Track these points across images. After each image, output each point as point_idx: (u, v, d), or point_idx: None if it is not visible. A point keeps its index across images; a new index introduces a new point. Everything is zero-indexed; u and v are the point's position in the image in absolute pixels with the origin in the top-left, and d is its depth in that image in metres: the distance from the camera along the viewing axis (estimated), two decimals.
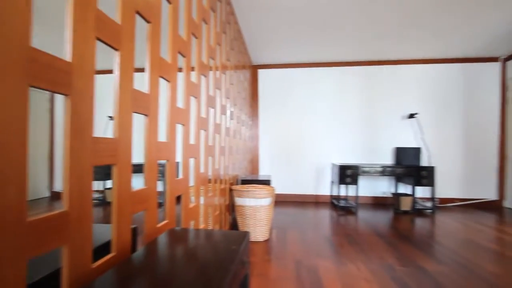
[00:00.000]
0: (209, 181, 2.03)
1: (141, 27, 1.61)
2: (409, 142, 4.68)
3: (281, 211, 4.09)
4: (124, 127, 0.90)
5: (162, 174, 4.22)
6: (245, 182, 3.29)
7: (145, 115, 1.05)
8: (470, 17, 3.18)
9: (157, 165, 1.14)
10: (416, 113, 4.52)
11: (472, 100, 4.60)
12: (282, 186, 4.93)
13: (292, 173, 4.91)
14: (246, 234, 0.97)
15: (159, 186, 4.49)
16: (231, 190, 2.94)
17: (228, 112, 2.68)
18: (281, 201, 4.85)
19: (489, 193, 4.56)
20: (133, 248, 0.98)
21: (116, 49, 0.87)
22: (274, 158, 4.95)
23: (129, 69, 0.93)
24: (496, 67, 4.57)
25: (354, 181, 4.08)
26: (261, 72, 5.00)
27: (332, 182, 4.73)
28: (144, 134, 1.07)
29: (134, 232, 1.01)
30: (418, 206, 4.12)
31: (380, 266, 2.18)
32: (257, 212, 2.67)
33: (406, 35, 3.70)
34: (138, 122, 3.00)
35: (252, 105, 4.89)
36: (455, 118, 4.62)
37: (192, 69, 3.94)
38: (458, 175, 4.61)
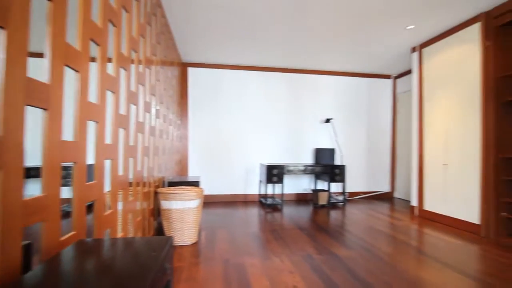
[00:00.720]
0: (130, 184, 1.85)
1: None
2: (326, 143, 5.26)
3: (210, 212, 4.04)
4: (11, 123, 0.74)
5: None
6: (172, 184, 3.13)
7: (44, 109, 0.89)
8: (372, 42, 3.80)
9: (60, 168, 0.98)
10: (331, 118, 5.13)
11: (373, 109, 5.49)
12: (212, 187, 4.88)
13: (222, 173, 4.91)
14: (168, 239, 0.92)
15: (67, 193, 3.84)
16: (156, 193, 2.75)
17: (153, 110, 2.50)
18: (211, 202, 4.80)
19: (385, 186, 5.52)
20: (26, 269, 0.82)
21: (1, 27, 0.71)
22: (203, 158, 4.86)
23: (20, 52, 0.77)
24: (389, 83, 5.58)
25: (280, 180, 4.36)
26: (191, 71, 4.85)
27: (260, 181, 4.93)
28: (42, 131, 0.90)
29: (28, 249, 0.84)
30: (332, 200, 4.68)
31: (301, 257, 2.38)
32: (184, 215, 2.57)
33: (325, 50, 4.16)
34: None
35: (181, 104, 4.70)
36: (361, 123, 5.43)
37: (110, 60, 3.52)
38: (362, 172, 5.42)
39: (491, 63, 2.96)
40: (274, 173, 4.34)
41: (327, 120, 5.10)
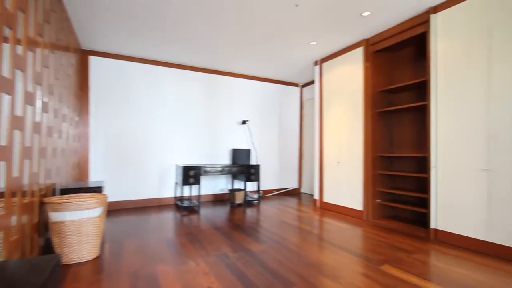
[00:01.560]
0: (1, 195, 1.47)
1: None
2: (242, 144, 5.46)
3: (118, 220, 3.61)
4: None
5: None
6: (66, 191, 2.65)
7: None
8: (283, 52, 4.17)
9: None
10: (247, 120, 5.36)
11: (284, 113, 6.03)
12: (120, 192, 4.37)
13: (132, 177, 4.46)
14: (53, 258, 0.78)
15: None
16: (43, 203, 2.27)
17: (38, 103, 2.06)
18: (119, 209, 4.29)
19: (293, 183, 6.13)
20: None
21: None
22: (109, 161, 4.30)
23: None
24: (297, 90, 6.24)
25: (197, 181, 4.27)
26: (93, 60, 4.22)
27: (176, 183, 4.72)
28: None
29: None
30: (248, 199, 4.89)
31: (217, 256, 2.39)
32: (82, 227, 2.21)
33: (242, 54, 4.32)
34: None
35: (80, 98, 4.02)
36: (273, 125, 5.88)
37: None
38: (274, 170, 5.88)
39: (369, 81, 3.69)
40: (191, 174, 4.23)
41: (244, 122, 5.30)
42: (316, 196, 4.60)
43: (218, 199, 5.17)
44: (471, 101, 2.62)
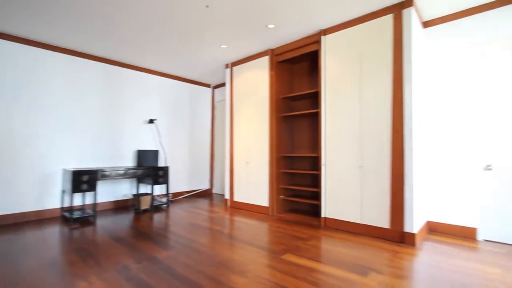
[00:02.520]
0: None
1: None
2: (149, 145, 5.06)
3: None
4: None
5: None
6: None
7: None
8: (197, 52, 4.10)
9: None
10: (155, 119, 5.01)
11: (195, 113, 5.93)
12: None
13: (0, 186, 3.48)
14: None
15: None
16: None
17: None
18: None
19: (205, 184, 6.10)
20: None
21: None
22: None
23: None
24: (209, 91, 6.24)
25: (92, 187, 3.70)
26: None
27: (64, 191, 3.96)
28: None
29: None
30: (156, 203, 4.57)
31: (116, 271, 2.14)
32: None
33: (153, 48, 4.00)
34: None
35: None
36: (184, 126, 5.70)
37: None
38: (185, 172, 5.70)
39: (274, 88, 4.05)
40: (84, 180, 3.63)
41: (151, 121, 4.93)
42: (227, 196, 4.72)
43: (120, 206, 4.62)
44: (349, 111, 3.23)
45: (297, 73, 4.40)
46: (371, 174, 3.02)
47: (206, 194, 5.99)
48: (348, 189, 3.21)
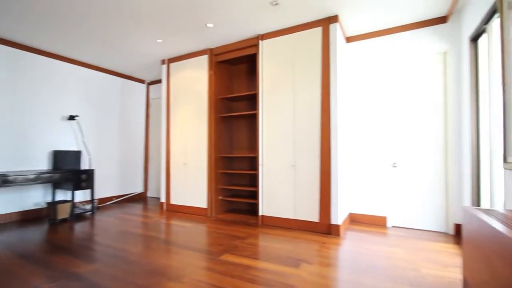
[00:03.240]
0: None
1: None
2: (70, 145, 4.44)
3: None
4: None
5: None
6: None
7: None
8: (130, 44, 3.75)
9: None
10: (76, 115, 4.41)
11: (127, 111, 5.44)
12: None
13: None
14: None
15: None
16: None
17: None
18: None
19: (138, 188, 5.65)
20: None
21: None
22: None
23: None
24: (143, 87, 5.81)
25: None
26: None
27: None
28: None
29: None
30: (78, 211, 4.03)
31: None
32: None
33: (73, 32, 3.49)
34: None
35: None
36: (114, 124, 5.17)
37: None
38: (114, 175, 5.18)
39: (213, 88, 4.02)
40: None
41: (72, 117, 4.32)
42: (163, 199, 4.47)
43: (31, 217, 3.92)
44: (284, 113, 3.42)
45: (236, 74, 4.45)
46: (303, 172, 3.26)
47: (139, 198, 5.56)
48: (283, 188, 3.40)
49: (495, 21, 2.18)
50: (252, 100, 4.29)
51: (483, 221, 1.40)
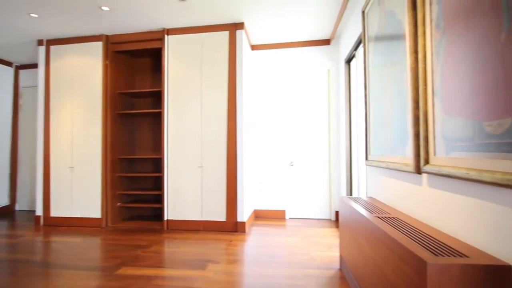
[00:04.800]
0: None
1: None
2: None
3: None
4: None
5: None
6: None
7: None
8: None
9: None
10: None
11: None
12: None
13: None
14: None
15: None
16: None
17: None
18: None
19: (2, 199, 4.40)
20: None
21: None
22: None
23: None
24: (10, 72, 4.57)
25: None
26: None
27: None
28: None
29: None
30: None
31: None
32: None
33: None
34: None
35: None
36: None
37: None
38: None
39: (109, 80, 3.55)
40: None
41: None
42: (40, 212, 3.64)
43: None
44: (192, 113, 3.35)
45: (139, 68, 4.06)
46: (210, 173, 3.28)
47: (3, 213, 4.34)
48: (190, 189, 3.33)
49: (361, 50, 2.77)
50: (157, 97, 4.01)
51: (351, 207, 1.75)
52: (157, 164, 3.98)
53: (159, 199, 3.89)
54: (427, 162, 1.26)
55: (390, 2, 1.69)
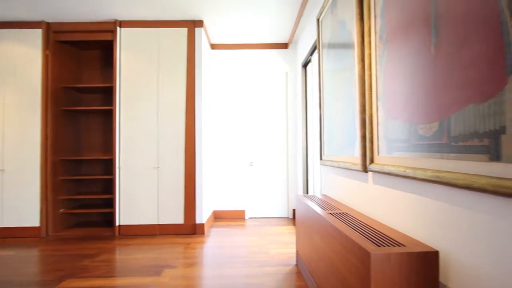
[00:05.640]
0: None
1: None
2: None
3: None
4: None
5: None
6: None
7: None
8: None
9: None
10: None
11: None
12: None
13: None
14: None
15: None
16: None
17: None
18: None
19: None
20: None
21: None
22: None
23: None
24: None
25: None
26: None
27: None
28: None
29: None
30: None
31: None
32: None
33: None
34: None
35: None
36: None
37: None
38: None
39: (51, 72, 3.19)
40: None
41: None
42: None
43: None
44: (147, 113, 3.18)
45: (87, 61, 3.72)
46: (167, 174, 3.16)
47: None
48: (145, 191, 3.16)
49: (316, 55, 2.92)
50: (109, 93, 3.73)
51: (306, 205, 1.84)
52: (108, 166, 3.69)
53: (110, 203, 3.61)
54: (372, 161, 1.38)
55: (341, 12, 1.81)
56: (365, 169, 1.46)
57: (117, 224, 3.13)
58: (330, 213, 1.51)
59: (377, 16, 1.35)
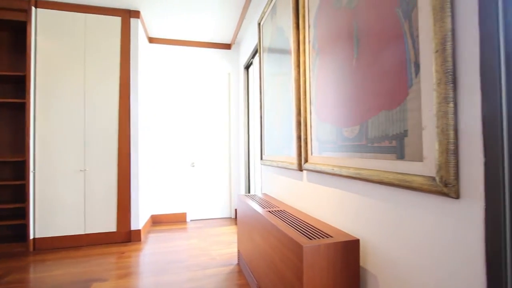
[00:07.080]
0: None
1: None
2: None
3: None
4: None
5: None
6: None
7: None
8: None
9: None
10: None
11: None
12: None
13: None
14: None
15: None
16: None
17: None
18: None
19: None
20: None
21: None
22: None
23: None
24: None
25: None
26: None
27: None
28: None
29: None
30: None
31: None
32: None
33: None
34: None
35: None
36: None
37: None
38: None
39: None
40: None
41: None
42: None
43: None
44: (71, 107, 2.81)
45: None
46: (96, 177, 2.84)
47: None
48: (69, 198, 2.78)
49: (257, 58, 3.00)
50: (20, 84, 3.16)
51: (247, 204, 1.88)
52: (19, 169, 3.13)
53: (22, 213, 3.06)
54: (306, 160, 1.49)
55: (280, 19, 1.90)
56: (300, 168, 1.56)
57: (31, 237, 2.68)
58: (269, 211, 1.57)
59: (310, 26, 1.46)
